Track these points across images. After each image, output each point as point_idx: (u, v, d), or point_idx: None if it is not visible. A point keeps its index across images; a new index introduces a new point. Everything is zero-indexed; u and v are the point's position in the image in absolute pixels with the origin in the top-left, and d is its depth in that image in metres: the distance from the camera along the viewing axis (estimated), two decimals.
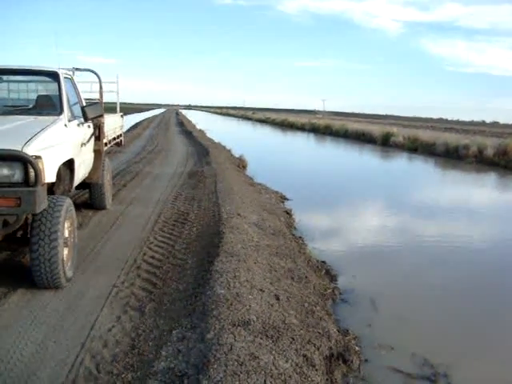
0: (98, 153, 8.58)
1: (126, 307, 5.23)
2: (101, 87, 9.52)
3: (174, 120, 65.06)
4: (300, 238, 9.38)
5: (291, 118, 75.29)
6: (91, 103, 8.13)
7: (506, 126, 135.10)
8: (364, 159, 30.35)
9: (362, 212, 13.31)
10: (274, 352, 4.32)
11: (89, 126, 7.92)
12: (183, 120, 62.42)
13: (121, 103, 13.47)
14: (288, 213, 11.30)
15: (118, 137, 11.86)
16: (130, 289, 5.72)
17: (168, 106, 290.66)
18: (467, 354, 5.62)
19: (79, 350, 4.34)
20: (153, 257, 6.89)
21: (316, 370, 4.39)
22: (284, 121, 74.27)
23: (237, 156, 20.78)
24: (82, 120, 7.38)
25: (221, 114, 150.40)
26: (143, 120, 57.32)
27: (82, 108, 7.32)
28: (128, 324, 4.87)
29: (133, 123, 45.07)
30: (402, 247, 9.89)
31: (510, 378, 5.23)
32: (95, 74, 9.33)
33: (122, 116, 12.69)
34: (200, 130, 39.13)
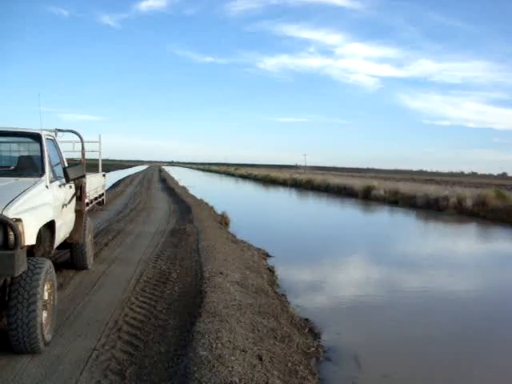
0: (79, 213, 8.56)
1: (106, 371, 5.11)
2: (83, 147, 9.61)
3: (157, 177, 65.23)
4: (283, 295, 9.34)
5: (273, 174, 75.98)
6: (73, 164, 8.19)
7: (483, 176, 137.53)
8: (346, 213, 30.57)
9: (345, 267, 13.31)
10: None
11: (70, 187, 7.94)
12: (166, 176, 62.61)
13: (104, 160, 13.56)
14: (271, 270, 11.29)
15: (100, 196, 11.87)
16: (110, 352, 5.62)
17: (151, 162, 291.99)
18: None
19: None
20: (134, 318, 6.80)
21: None
22: (266, 176, 74.93)
23: (219, 213, 20.82)
24: (64, 181, 7.41)
25: (203, 170, 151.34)
26: (126, 177, 57.42)
27: (64, 169, 7.36)
28: None
29: (115, 180, 45.15)
30: (386, 301, 9.88)
31: None
32: (77, 134, 9.43)
33: (104, 175, 12.75)
34: (182, 187, 39.24)
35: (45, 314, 5.49)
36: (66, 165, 8.03)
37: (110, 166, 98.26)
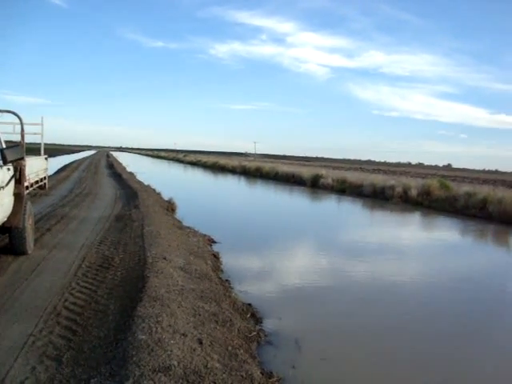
0: (18, 196, 8.34)
1: (42, 357, 5.03)
2: (22, 129, 9.34)
3: (105, 162, 64.04)
4: (227, 281, 9.38)
5: (222, 161, 75.88)
6: (11, 146, 7.95)
7: (429, 167, 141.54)
8: (293, 201, 30.89)
9: (290, 253, 13.45)
10: None
11: (8, 169, 7.71)
12: (113, 162, 61.53)
13: (49, 144, 13.28)
14: (215, 256, 11.31)
15: (42, 180, 11.58)
16: (47, 337, 5.52)
17: (99, 147, 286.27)
18: None
19: None
20: (74, 303, 6.70)
21: None
22: (215, 163, 74.77)
23: (166, 199, 20.67)
24: (1, 163, 7.19)
25: (152, 156, 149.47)
26: (72, 162, 56.15)
27: (1, 150, 7.14)
28: (43, 375, 4.67)
29: (61, 165, 44.10)
30: (330, 289, 10.05)
31: None
32: (16, 115, 9.16)
33: (46, 158, 12.43)
34: (130, 173, 38.70)
35: None
36: (4, 146, 7.79)
37: (57, 150, 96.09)
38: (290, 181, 44.18)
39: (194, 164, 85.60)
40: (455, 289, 10.80)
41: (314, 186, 38.84)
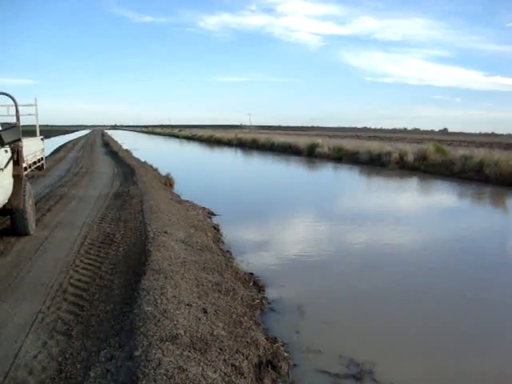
0: (17, 178, 8.41)
1: (52, 332, 5.16)
2: (17, 111, 9.34)
3: (100, 141, 63.85)
4: (228, 251, 9.52)
5: (218, 134, 75.69)
6: (7, 127, 7.98)
7: (425, 132, 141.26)
8: (291, 171, 30.95)
9: (289, 223, 13.59)
10: (202, 364, 4.42)
11: (6, 151, 7.76)
12: (109, 140, 61.38)
13: (43, 126, 13.28)
14: (216, 228, 11.44)
15: (39, 160, 11.62)
16: (56, 313, 5.65)
17: (93, 126, 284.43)
18: (390, 352, 5.90)
19: (1, 380, 4.26)
20: (79, 280, 6.82)
21: (245, 377, 4.51)
22: (211, 137, 74.64)
23: (164, 174, 20.74)
24: None
25: (147, 132, 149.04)
26: (67, 142, 56.05)
27: None
28: (55, 349, 4.81)
29: (57, 146, 44.02)
30: (329, 255, 10.19)
31: (427, 372, 5.52)
32: (10, 97, 9.16)
33: (42, 139, 12.44)
34: (126, 150, 38.65)
35: None
36: (0, 128, 7.82)
37: (51, 131, 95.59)
38: (286, 151, 44.21)
39: (189, 138, 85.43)
40: (456, 251, 10.94)
41: (311, 155, 38.89)
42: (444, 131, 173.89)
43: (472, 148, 35.65)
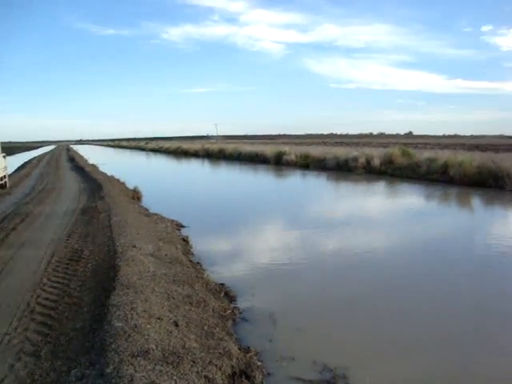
0: None
1: (19, 354, 5.05)
2: None
3: (65, 156, 63.03)
4: (198, 263, 9.48)
5: (185, 146, 75.58)
6: None
7: (391, 136, 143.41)
8: (258, 179, 31.04)
9: (259, 231, 13.58)
10: (175, 377, 4.38)
11: None
12: (74, 155, 60.64)
13: (5, 142, 13.01)
14: (185, 240, 11.37)
15: (2, 178, 11.42)
16: (23, 334, 5.54)
17: (59, 142, 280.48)
18: (363, 356, 5.93)
19: None
20: (47, 298, 6.70)
21: None
22: (177, 148, 74.53)
23: (131, 188, 20.57)
24: None
25: (113, 146, 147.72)
26: (32, 158, 55.23)
27: None
28: (22, 371, 4.71)
29: (21, 162, 43.26)
30: (300, 262, 10.17)
31: (401, 374, 5.57)
32: None
33: (4, 157, 12.23)
34: (92, 165, 38.24)
35: None
36: None
37: (14, 148, 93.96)
38: (253, 160, 44.34)
39: (156, 151, 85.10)
40: (426, 252, 11.09)
41: (278, 163, 39.10)
42: (409, 134, 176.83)
43: (437, 150, 36.29)
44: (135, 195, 18.68)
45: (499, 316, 7.26)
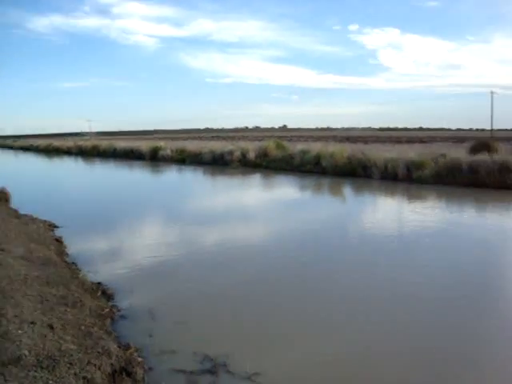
0: None
1: None
2: None
3: None
4: (73, 263, 9.17)
5: (57, 143, 72.27)
6: None
7: (266, 129, 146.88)
8: (134, 175, 30.55)
9: (137, 228, 13.32)
10: (50, 381, 4.25)
11: None
12: None
13: None
14: (58, 240, 10.94)
15: None
16: None
17: None
18: (242, 344, 6.08)
19: None
20: None
21: None
22: (49, 146, 71.21)
23: None
24: None
25: None
26: None
27: None
28: None
29: None
30: (179, 257, 10.15)
31: (279, 359, 5.78)
32: None
33: None
34: None
35: None
36: None
37: None
38: (129, 156, 43.55)
39: (26, 149, 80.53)
40: (302, 240, 11.55)
41: (154, 158, 38.76)
42: (283, 128, 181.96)
43: (310, 143, 37.87)
44: (2, 196, 17.56)
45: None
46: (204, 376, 5.22)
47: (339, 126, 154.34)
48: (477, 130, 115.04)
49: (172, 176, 29.27)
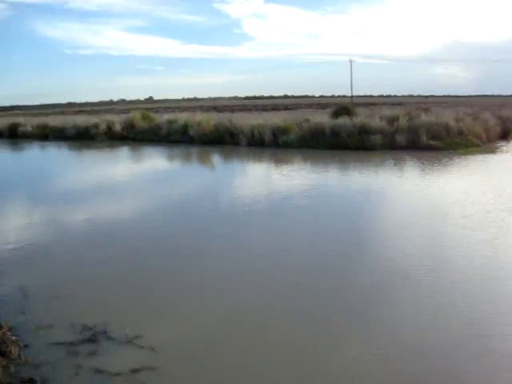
0: None
1: None
2: None
3: None
4: None
5: None
6: None
7: (132, 102, 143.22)
8: None
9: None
10: None
11: None
12: None
13: None
14: None
15: None
16: None
17: None
18: (121, 312, 6.13)
19: None
20: None
21: None
22: None
23: None
24: None
25: None
26: None
27: None
28: None
29: None
30: (48, 237, 9.76)
31: (159, 323, 5.94)
32: None
33: None
34: None
35: None
36: None
37: None
38: None
39: None
40: (173, 211, 11.69)
41: (13, 136, 36.47)
42: (150, 99, 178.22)
43: (177, 113, 37.66)
44: None
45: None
46: (84, 345, 5.25)
47: (206, 96, 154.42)
48: (338, 96, 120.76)
49: (34, 153, 27.77)
